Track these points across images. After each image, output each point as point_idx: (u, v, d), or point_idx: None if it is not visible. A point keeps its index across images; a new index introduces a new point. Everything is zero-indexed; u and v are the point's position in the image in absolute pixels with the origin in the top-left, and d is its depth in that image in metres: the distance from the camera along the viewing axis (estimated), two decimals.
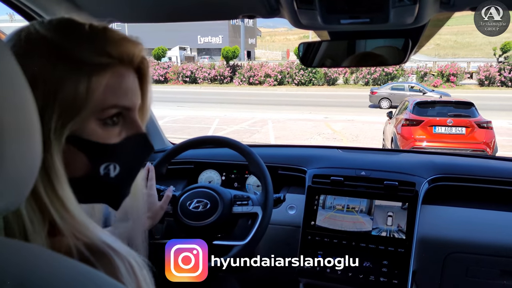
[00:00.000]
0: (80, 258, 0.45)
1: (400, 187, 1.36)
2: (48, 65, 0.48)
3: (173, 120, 11.92)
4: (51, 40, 0.49)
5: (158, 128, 1.77)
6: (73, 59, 0.49)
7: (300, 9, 0.93)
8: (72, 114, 0.49)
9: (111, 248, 0.48)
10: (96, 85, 0.50)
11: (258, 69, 21.70)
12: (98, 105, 0.51)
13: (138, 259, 0.51)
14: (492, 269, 1.29)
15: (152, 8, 1.03)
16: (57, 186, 0.47)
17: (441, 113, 7.19)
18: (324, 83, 20.99)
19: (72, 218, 0.48)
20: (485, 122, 6.86)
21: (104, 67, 0.51)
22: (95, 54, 0.51)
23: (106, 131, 0.53)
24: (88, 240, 0.48)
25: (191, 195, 1.27)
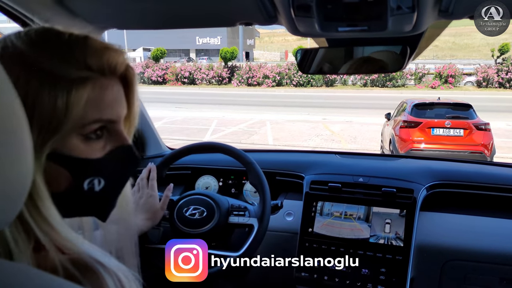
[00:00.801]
0: (65, 274, 0.44)
1: (398, 194, 1.35)
2: (24, 81, 0.46)
3: (172, 121, 11.89)
4: (27, 55, 0.48)
5: (154, 132, 1.75)
6: (50, 74, 0.47)
7: (298, 16, 0.93)
8: (52, 131, 0.48)
9: (99, 262, 0.47)
10: (76, 100, 0.48)
11: (256, 70, 21.69)
12: (79, 120, 0.49)
13: (128, 274, 0.50)
14: (490, 276, 1.28)
15: (148, 15, 1.03)
16: (40, 204, 0.46)
17: (439, 115, 7.20)
18: (323, 84, 21.01)
19: (57, 234, 0.47)
20: (483, 124, 6.86)
21: (83, 80, 0.49)
22: (74, 68, 0.49)
23: (89, 146, 0.52)
24: (74, 255, 0.47)
25: (188, 202, 1.27)
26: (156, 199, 1.20)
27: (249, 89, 21.25)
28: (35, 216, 0.45)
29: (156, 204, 1.19)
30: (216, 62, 24.58)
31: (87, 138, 0.51)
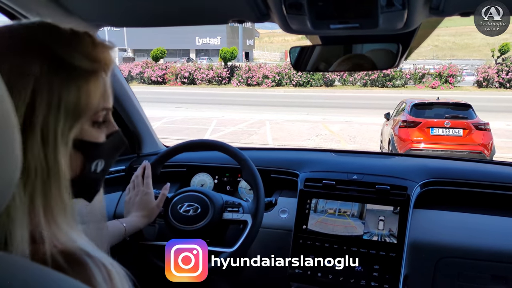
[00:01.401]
0: (54, 265, 0.44)
1: (392, 191, 1.36)
2: (48, 71, 0.49)
3: (171, 121, 11.90)
4: (49, 46, 0.51)
5: (151, 130, 1.76)
6: (73, 66, 0.51)
7: (290, 14, 0.93)
8: (76, 118, 0.52)
9: (88, 255, 0.48)
10: (94, 90, 0.54)
11: (256, 70, 21.69)
12: (95, 108, 0.54)
13: (118, 268, 0.51)
14: (484, 274, 1.29)
15: (141, 12, 1.03)
16: (59, 189, 0.49)
17: (439, 114, 7.19)
18: (322, 84, 21.00)
19: (57, 226, 0.49)
20: (483, 124, 6.85)
21: (96, 72, 0.54)
22: (89, 61, 0.53)
23: (97, 132, 0.57)
24: (65, 247, 0.48)
25: (182, 198, 1.28)
26: (152, 197, 1.22)
27: (248, 89, 21.25)
28: (48, 204, 0.48)
29: (152, 201, 1.21)
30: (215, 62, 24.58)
31: (95, 125, 0.56)
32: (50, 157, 0.49)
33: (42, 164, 0.48)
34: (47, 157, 0.48)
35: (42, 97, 0.48)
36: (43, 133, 0.48)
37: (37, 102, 0.48)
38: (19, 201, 0.45)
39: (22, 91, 0.47)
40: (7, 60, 0.48)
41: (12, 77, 0.47)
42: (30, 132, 0.47)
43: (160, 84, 22.80)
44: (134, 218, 1.19)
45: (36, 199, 0.47)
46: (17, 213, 0.45)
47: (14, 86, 0.46)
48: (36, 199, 0.47)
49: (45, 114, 0.48)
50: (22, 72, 0.48)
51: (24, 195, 0.46)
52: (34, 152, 0.47)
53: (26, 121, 0.47)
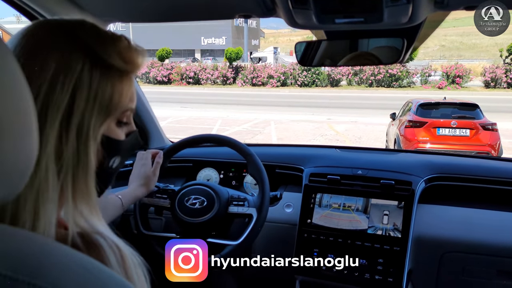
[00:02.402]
0: (72, 246, 0.47)
1: (396, 186, 1.36)
2: (91, 69, 0.52)
3: (176, 121, 11.95)
4: (90, 45, 0.53)
5: (157, 126, 1.78)
6: (110, 65, 0.54)
7: (295, 9, 0.95)
8: (107, 114, 0.55)
9: (103, 237, 0.50)
10: (126, 89, 0.57)
11: (261, 70, 21.70)
12: (124, 108, 0.57)
13: (132, 252, 0.53)
14: (488, 268, 1.29)
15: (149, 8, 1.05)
16: (87, 179, 0.52)
17: (445, 114, 7.12)
18: (328, 85, 20.95)
19: (81, 212, 0.52)
20: (490, 124, 6.79)
21: (129, 73, 0.57)
22: (123, 61, 0.56)
23: (119, 130, 0.59)
24: (83, 230, 0.50)
25: (189, 192, 1.29)
26: (149, 167, 1.25)
27: (253, 89, 21.26)
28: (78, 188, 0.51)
29: (148, 170, 1.24)
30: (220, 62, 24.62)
31: (119, 123, 0.59)
32: (81, 148, 0.51)
33: (75, 154, 0.51)
34: (79, 148, 0.51)
35: (82, 91, 0.51)
36: (78, 125, 0.51)
37: (77, 96, 0.51)
38: (51, 187, 0.48)
39: (65, 84, 0.50)
40: (54, 55, 0.50)
41: (59, 71, 0.50)
42: (68, 124, 0.50)
43: (165, 84, 22.88)
44: (132, 188, 1.22)
45: (67, 186, 0.50)
46: (49, 197, 0.47)
47: (60, 79, 0.50)
48: (67, 185, 0.50)
49: (83, 109, 0.51)
50: (67, 67, 0.50)
51: (58, 181, 0.49)
52: (69, 142, 0.50)
53: (66, 113, 0.50)
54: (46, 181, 0.47)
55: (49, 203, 0.47)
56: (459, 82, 19.38)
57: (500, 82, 18.92)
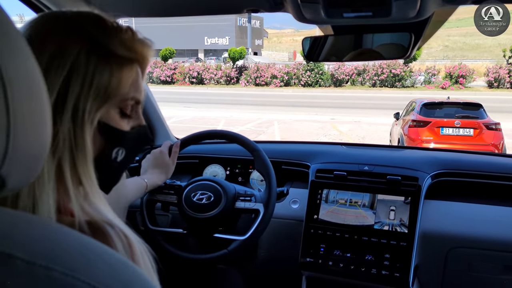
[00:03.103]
0: None
1: (403, 181, 1.36)
2: (86, 53, 0.53)
3: (180, 121, 11.97)
4: (88, 31, 0.54)
5: (163, 122, 1.79)
6: (110, 52, 0.55)
7: (304, 3, 0.95)
8: (104, 100, 0.55)
9: (111, 224, 0.50)
10: (126, 77, 0.56)
11: (264, 70, 21.70)
12: (124, 95, 0.57)
13: (139, 239, 0.53)
14: (495, 264, 1.29)
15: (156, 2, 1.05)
16: (86, 163, 0.52)
17: (449, 114, 7.10)
18: (331, 85, 20.92)
19: (85, 197, 0.52)
20: (494, 123, 6.77)
21: (132, 61, 0.57)
22: (126, 49, 0.56)
23: (122, 120, 0.59)
24: (90, 217, 0.51)
25: (196, 187, 1.30)
26: (166, 155, 1.30)
27: (257, 89, 21.27)
28: (77, 172, 0.52)
29: (167, 159, 1.30)
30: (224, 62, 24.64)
31: (122, 112, 0.59)
32: (77, 131, 0.52)
33: (71, 137, 0.51)
34: (75, 131, 0.52)
35: (78, 75, 0.52)
36: (73, 108, 0.52)
37: (73, 79, 0.51)
38: (46, 167, 0.48)
39: (60, 67, 0.51)
40: (51, 41, 0.52)
41: (54, 55, 0.51)
42: (64, 106, 0.51)
43: (168, 84, 22.92)
44: (152, 175, 1.27)
45: (65, 167, 0.51)
46: (45, 178, 0.48)
47: (54, 63, 0.50)
48: (64, 167, 0.51)
49: (78, 92, 0.52)
50: (63, 51, 0.51)
51: (52, 161, 0.50)
52: (64, 124, 0.51)
53: (60, 95, 0.51)
54: None
55: (45, 185, 0.48)
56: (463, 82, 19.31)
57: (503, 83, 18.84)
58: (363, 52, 1.20)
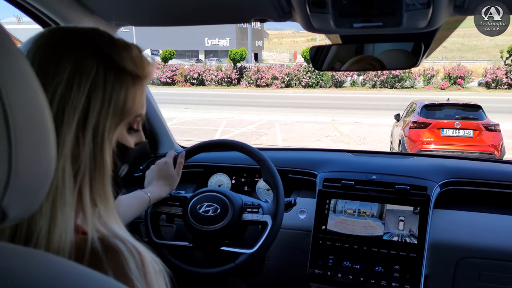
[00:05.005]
0: (92, 252, 0.46)
1: (411, 191, 1.34)
2: (104, 72, 0.53)
3: (181, 122, 11.95)
4: (103, 49, 0.54)
5: (167, 131, 1.77)
6: (123, 69, 0.55)
7: (313, 12, 0.93)
8: (121, 118, 0.55)
9: (123, 241, 0.49)
10: (139, 95, 0.57)
11: (265, 71, 21.70)
12: (136, 112, 0.58)
13: (152, 255, 0.52)
14: (505, 274, 1.27)
15: (163, 12, 1.04)
16: (104, 183, 0.52)
17: (449, 115, 7.13)
18: (332, 86, 20.92)
19: (100, 216, 0.52)
20: (493, 124, 6.79)
21: (140, 78, 0.58)
22: (137, 67, 0.56)
23: (130, 136, 0.60)
24: (102, 235, 0.50)
25: (201, 199, 1.27)
26: (171, 166, 1.26)
27: (258, 90, 21.26)
28: (95, 190, 0.52)
29: (171, 170, 1.26)
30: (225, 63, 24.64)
31: (130, 129, 0.59)
32: (97, 150, 0.52)
33: (91, 157, 0.51)
34: (95, 151, 0.51)
35: (98, 94, 0.51)
36: (94, 127, 0.51)
37: (93, 98, 0.51)
38: (68, 189, 0.48)
39: (81, 86, 0.50)
40: (69, 57, 0.51)
41: (75, 72, 0.50)
42: (85, 126, 0.50)
43: (169, 85, 22.90)
44: (156, 187, 1.24)
45: (84, 189, 0.50)
46: (66, 201, 0.47)
47: (76, 80, 0.50)
48: (84, 189, 0.50)
49: (98, 111, 0.51)
50: (82, 69, 0.51)
51: (74, 184, 0.49)
52: (85, 145, 0.50)
53: (82, 114, 0.50)
54: (63, 184, 0.47)
55: (66, 206, 0.47)
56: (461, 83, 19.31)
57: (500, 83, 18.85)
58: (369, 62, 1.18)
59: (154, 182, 1.25)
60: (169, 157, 1.29)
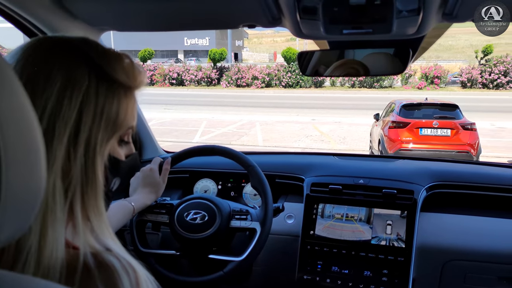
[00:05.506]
0: (84, 268, 0.45)
1: (398, 195, 1.35)
2: (96, 83, 0.51)
3: (160, 123, 11.81)
4: (95, 59, 0.52)
5: (151, 135, 1.73)
6: (115, 80, 0.53)
7: (303, 19, 0.92)
8: (113, 131, 0.54)
9: (117, 258, 0.48)
10: (131, 107, 0.56)
11: (245, 71, 21.69)
12: (127, 124, 0.56)
13: (145, 272, 0.51)
14: (489, 275, 1.30)
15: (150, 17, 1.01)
16: (96, 198, 0.51)
17: (427, 115, 7.28)
18: (311, 85, 21.09)
19: (92, 231, 0.51)
20: (469, 124, 6.97)
21: (132, 89, 0.56)
22: (129, 77, 0.55)
23: (120, 149, 0.59)
24: (96, 250, 0.49)
25: (188, 206, 1.25)
26: (157, 173, 1.23)
27: (238, 90, 21.24)
28: (84, 211, 0.50)
29: (157, 177, 1.22)
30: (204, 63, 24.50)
31: (121, 142, 0.58)
32: (89, 165, 0.50)
33: (83, 172, 0.50)
34: (87, 165, 0.50)
35: (89, 107, 0.50)
36: (86, 141, 0.50)
37: (85, 112, 0.49)
38: (59, 205, 0.46)
39: (73, 99, 0.49)
40: (59, 68, 0.49)
41: (66, 84, 0.49)
42: (76, 140, 0.49)
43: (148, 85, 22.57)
44: (142, 195, 1.20)
45: (76, 204, 0.49)
46: (57, 217, 0.46)
47: (67, 93, 0.48)
48: (75, 204, 0.49)
49: (90, 124, 0.50)
50: (74, 81, 0.49)
51: (65, 200, 0.48)
52: (77, 160, 0.49)
53: (74, 128, 0.49)
54: (54, 200, 0.46)
55: (57, 223, 0.46)
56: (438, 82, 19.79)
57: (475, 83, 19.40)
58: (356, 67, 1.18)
59: (139, 190, 1.21)
60: (154, 164, 1.25)
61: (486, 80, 19.11)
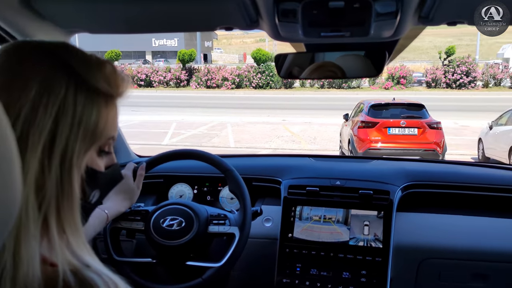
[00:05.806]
0: (64, 286, 0.43)
1: (375, 195, 1.37)
2: (75, 92, 0.48)
3: (128, 125, 11.54)
4: (74, 67, 0.49)
5: (123, 139, 1.68)
6: (95, 89, 0.50)
7: (282, 22, 0.91)
8: (92, 141, 0.51)
9: (98, 274, 0.46)
10: (111, 117, 0.53)
11: (215, 72, 21.58)
12: (107, 135, 0.53)
13: (128, 286, 0.50)
14: (463, 272, 1.33)
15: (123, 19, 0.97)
16: (72, 211, 0.48)
17: (395, 115, 7.49)
18: (281, 86, 21.25)
19: (69, 247, 0.48)
20: (435, 122, 7.21)
21: (113, 98, 0.54)
22: (110, 85, 0.52)
23: (100, 160, 0.56)
24: (75, 267, 0.46)
25: (164, 212, 1.21)
26: (131, 179, 1.19)
27: (208, 91, 21.10)
28: (63, 220, 0.47)
29: (131, 184, 1.18)
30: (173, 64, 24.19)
31: (100, 153, 0.55)
32: (65, 177, 0.47)
33: (58, 185, 0.47)
34: (63, 178, 0.47)
35: (67, 116, 0.47)
36: (62, 152, 0.47)
37: (61, 121, 0.47)
38: (32, 221, 0.44)
39: (49, 107, 0.46)
40: (35, 75, 0.46)
41: (41, 92, 0.46)
42: (51, 151, 0.46)
43: None
44: (115, 202, 1.15)
45: (50, 219, 0.46)
46: (30, 233, 0.43)
47: (43, 101, 0.45)
48: (50, 219, 0.46)
49: (67, 135, 0.47)
50: (50, 89, 0.46)
51: (39, 215, 0.45)
52: (52, 172, 0.46)
53: (49, 138, 0.46)
54: (27, 216, 0.43)
55: (31, 239, 0.43)
56: (404, 82, 20.40)
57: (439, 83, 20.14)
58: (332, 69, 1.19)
59: (113, 197, 1.16)
60: (128, 170, 1.21)
61: (450, 80, 19.87)
